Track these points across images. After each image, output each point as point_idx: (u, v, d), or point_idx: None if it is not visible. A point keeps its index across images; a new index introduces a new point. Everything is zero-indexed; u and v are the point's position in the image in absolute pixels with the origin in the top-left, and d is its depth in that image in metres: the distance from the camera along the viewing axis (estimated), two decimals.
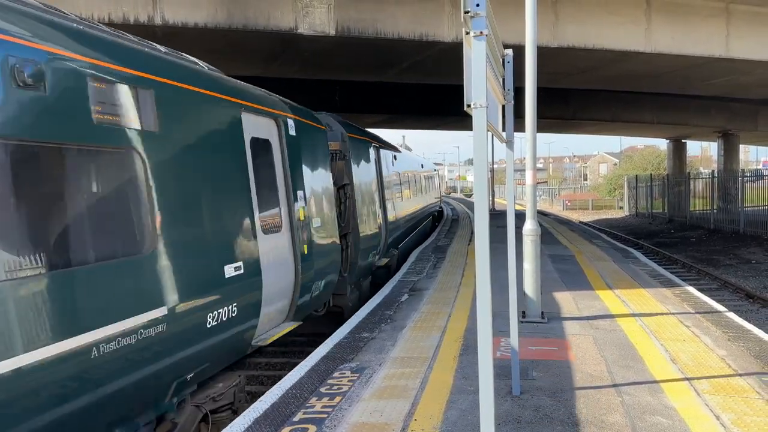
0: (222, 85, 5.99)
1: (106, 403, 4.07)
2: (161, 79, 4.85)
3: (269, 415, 4.95)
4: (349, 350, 6.78)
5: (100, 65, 4.16)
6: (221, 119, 5.77)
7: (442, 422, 4.75)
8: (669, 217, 32.89)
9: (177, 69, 5.27)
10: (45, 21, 3.90)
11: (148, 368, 4.44)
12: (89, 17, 12.19)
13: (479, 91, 2.91)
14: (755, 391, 5.36)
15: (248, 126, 6.27)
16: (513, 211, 5.34)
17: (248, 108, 6.33)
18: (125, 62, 4.47)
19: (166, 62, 5.17)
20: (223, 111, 5.83)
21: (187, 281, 4.83)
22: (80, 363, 3.77)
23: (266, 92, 7.37)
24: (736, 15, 16.87)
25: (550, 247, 16.07)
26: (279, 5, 13.56)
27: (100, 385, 3.97)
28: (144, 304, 4.34)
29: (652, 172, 42.67)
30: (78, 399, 3.81)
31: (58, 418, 3.66)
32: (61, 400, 3.68)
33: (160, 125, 4.72)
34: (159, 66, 4.95)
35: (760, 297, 14.08)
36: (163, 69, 4.97)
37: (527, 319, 7.87)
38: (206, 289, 5.12)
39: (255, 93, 6.86)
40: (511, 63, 5.19)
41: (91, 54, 4.13)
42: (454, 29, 14.84)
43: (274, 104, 7.26)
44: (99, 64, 4.14)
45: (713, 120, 32.93)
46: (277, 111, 7.13)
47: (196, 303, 4.95)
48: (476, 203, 3.04)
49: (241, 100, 6.27)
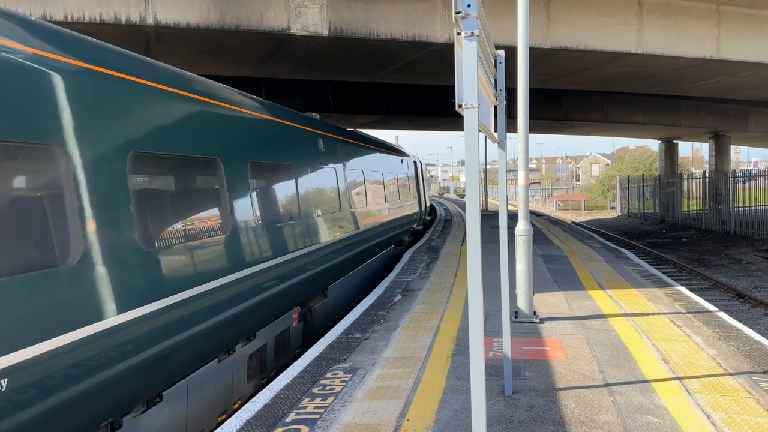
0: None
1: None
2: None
3: (261, 416, 4.93)
4: (342, 351, 6.77)
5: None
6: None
7: (435, 422, 4.75)
8: (661, 217, 33.06)
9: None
10: None
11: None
12: (80, 17, 12.13)
13: (470, 92, 2.92)
14: (746, 390, 5.39)
15: None
16: (505, 211, 5.35)
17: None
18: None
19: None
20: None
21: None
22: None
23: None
24: (727, 16, 16.97)
25: (543, 247, 16.12)
26: (272, 6, 13.54)
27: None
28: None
29: (644, 173, 42.88)
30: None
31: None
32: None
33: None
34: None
35: (751, 297, 14.17)
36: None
37: (519, 319, 7.88)
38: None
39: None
40: (502, 64, 5.21)
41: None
42: (446, 30, 14.86)
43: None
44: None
45: (704, 121, 33.13)
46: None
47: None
48: (468, 203, 3.05)
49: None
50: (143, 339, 4.60)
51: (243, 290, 6.19)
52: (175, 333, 5.00)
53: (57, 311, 3.80)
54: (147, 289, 4.67)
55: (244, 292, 6.22)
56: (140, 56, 5.36)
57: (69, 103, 4.09)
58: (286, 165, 8.19)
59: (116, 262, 4.36)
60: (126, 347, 4.41)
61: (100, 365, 4.13)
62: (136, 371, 4.53)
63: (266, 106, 7.85)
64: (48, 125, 3.90)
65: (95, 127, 4.35)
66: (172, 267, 5.06)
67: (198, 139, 5.75)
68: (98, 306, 4.14)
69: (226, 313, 5.82)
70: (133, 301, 4.48)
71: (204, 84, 6.22)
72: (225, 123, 6.40)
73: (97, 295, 4.14)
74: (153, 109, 5.11)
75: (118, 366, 4.31)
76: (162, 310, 4.79)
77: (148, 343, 4.65)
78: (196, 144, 5.70)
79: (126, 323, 4.37)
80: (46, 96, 3.92)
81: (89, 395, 4.05)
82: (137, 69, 5.02)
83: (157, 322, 4.75)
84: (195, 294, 5.26)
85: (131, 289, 4.49)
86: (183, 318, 5.11)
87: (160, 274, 4.85)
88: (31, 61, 3.85)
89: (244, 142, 6.88)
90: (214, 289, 5.59)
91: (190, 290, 5.20)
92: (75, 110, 4.14)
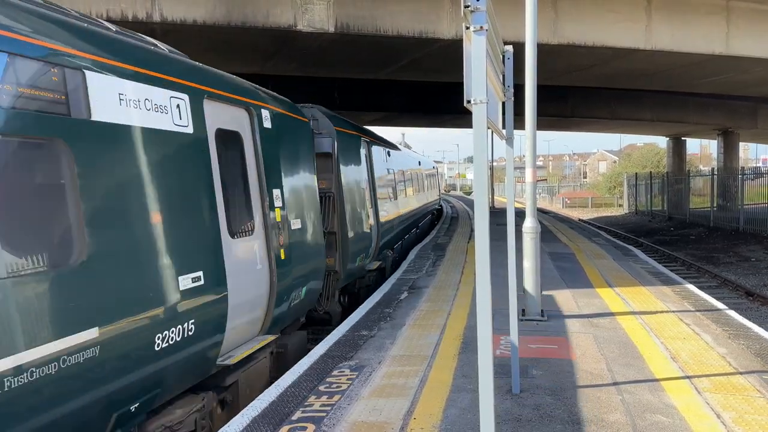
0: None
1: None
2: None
3: (267, 414, 4.92)
4: (348, 348, 6.75)
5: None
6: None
7: (442, 421, 4.72)
8: (668, 215, 32.88)
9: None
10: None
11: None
12: (87, 14, 12.14)
13: (479, 87, 2.88)
14: (756, 389, 5.33)
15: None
16: (513, 208, 5.31)
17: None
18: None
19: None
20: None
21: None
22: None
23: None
24: (736, 12, 16.82)
25: (550, 244, 16.05)
26: (278, 2, 13.51)
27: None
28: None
29: (652, 170, 42.66)
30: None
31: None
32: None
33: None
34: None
35: (760, 295, 14.07)
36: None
37: (527, 317, 7.84)
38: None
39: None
40: (511, 59, 5.16)
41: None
42: (453, 26, 14.80)
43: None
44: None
45: (713, 118, 32.91)
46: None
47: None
48: (476, 200, 3.01)
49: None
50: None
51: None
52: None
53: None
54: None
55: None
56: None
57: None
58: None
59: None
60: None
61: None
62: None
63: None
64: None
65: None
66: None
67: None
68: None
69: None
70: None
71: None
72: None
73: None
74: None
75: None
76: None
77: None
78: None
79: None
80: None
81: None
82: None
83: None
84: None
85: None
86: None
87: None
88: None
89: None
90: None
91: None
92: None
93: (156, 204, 4.51)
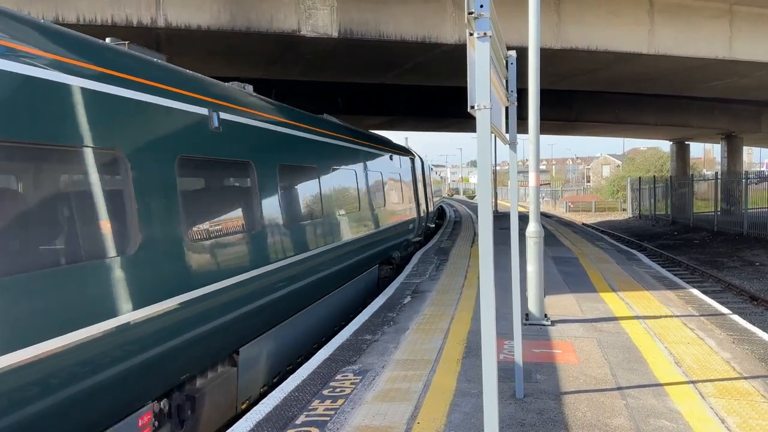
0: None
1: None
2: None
3: (272, 418, 4.93)
4: (352, 352, 6.75)
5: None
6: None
7: (445, 426, 4.72)
8: (672, 219, 32.81)
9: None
10: None
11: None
12: (92, 19, 12.21)
13: (483, 93, 2.90)
14: (761, 394, 5.32)
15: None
16: (516, 212, 5.32)
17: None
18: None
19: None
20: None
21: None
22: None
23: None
24: (740, 16, 16.82)
25: (553, 249, 16.03)
26: (282, 7, 13.57)
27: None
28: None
29: (655, 174, 42.58)
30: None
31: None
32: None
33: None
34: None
35: (765, 299, 14.02)
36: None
37: (530, 322, 7.84)
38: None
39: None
40: (514, 64, 5.18)
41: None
42: (456, 31, 14.83)
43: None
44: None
45: (716, 122, 32.86)
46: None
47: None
48: (480, 205, 3.02)
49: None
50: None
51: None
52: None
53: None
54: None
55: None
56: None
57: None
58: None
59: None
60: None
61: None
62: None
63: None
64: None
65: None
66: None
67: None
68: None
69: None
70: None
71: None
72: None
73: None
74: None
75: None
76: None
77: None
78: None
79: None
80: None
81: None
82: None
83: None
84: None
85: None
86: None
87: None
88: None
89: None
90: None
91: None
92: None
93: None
